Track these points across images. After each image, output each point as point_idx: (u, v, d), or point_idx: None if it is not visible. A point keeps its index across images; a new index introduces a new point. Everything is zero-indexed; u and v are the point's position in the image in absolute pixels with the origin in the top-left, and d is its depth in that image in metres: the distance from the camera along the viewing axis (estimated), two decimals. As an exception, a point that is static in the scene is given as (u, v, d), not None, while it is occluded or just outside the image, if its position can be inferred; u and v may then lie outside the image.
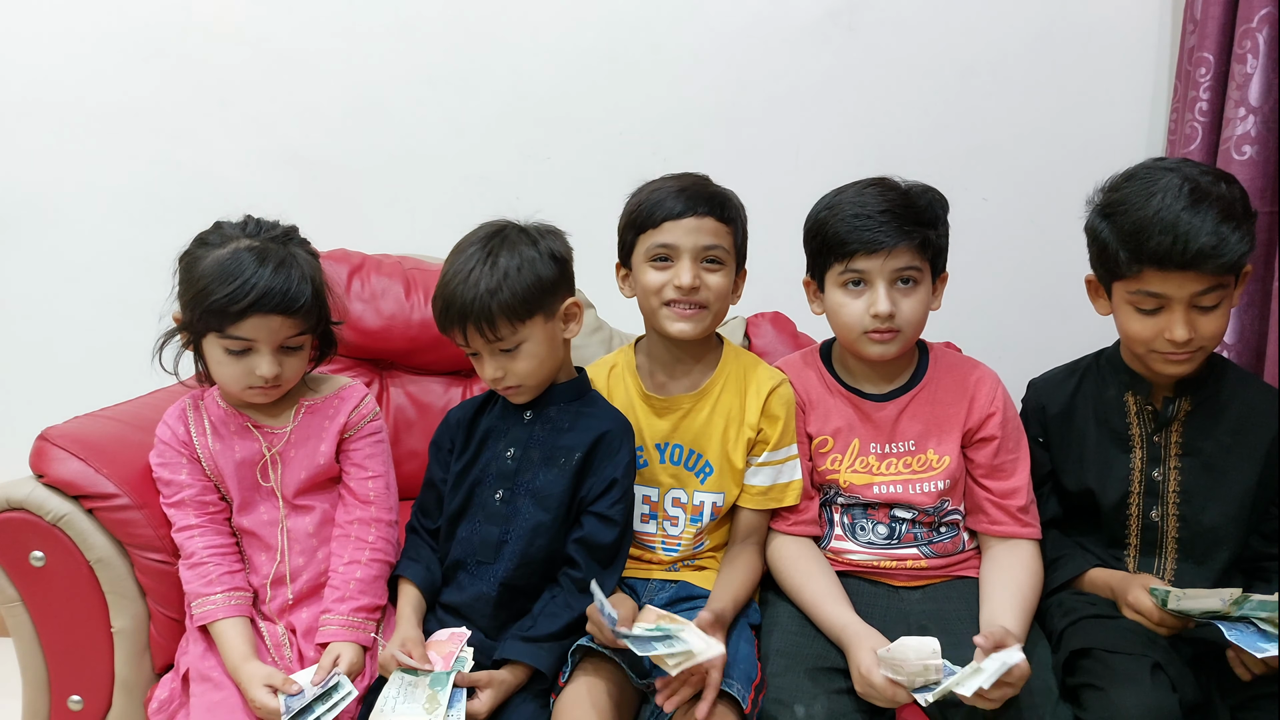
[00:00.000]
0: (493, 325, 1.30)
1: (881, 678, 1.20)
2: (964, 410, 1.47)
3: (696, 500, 1.47)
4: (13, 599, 1.38)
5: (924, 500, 1.45)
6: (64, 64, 2.10)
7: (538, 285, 1.32)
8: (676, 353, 1.48)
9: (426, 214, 2.16)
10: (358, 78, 2.10)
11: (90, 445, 1.41)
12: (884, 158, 1.99)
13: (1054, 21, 2.03)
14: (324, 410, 1.45)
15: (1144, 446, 1.43)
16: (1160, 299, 1.30)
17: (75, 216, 2.16)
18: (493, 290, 1.29)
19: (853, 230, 1.38)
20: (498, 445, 1.41)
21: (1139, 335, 1.34)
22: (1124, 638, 1.27)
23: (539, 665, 1.29)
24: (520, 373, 1.34)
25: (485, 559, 1.38)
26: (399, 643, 1.28)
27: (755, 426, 1.46)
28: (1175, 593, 1.25)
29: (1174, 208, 1.26)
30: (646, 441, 1.47)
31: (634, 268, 1.44)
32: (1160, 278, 1.28)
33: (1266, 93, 1.75)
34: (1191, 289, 1.28)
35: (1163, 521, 1.42)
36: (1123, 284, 1.34)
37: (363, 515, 1.43)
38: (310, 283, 1.35)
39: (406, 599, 1.38)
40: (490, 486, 1.40)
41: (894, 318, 1.38)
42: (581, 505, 1.38)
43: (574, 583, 1.36)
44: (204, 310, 1.30)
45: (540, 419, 1.41)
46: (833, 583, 1.40)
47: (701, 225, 1.38)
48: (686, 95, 2.09)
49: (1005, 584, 1.38)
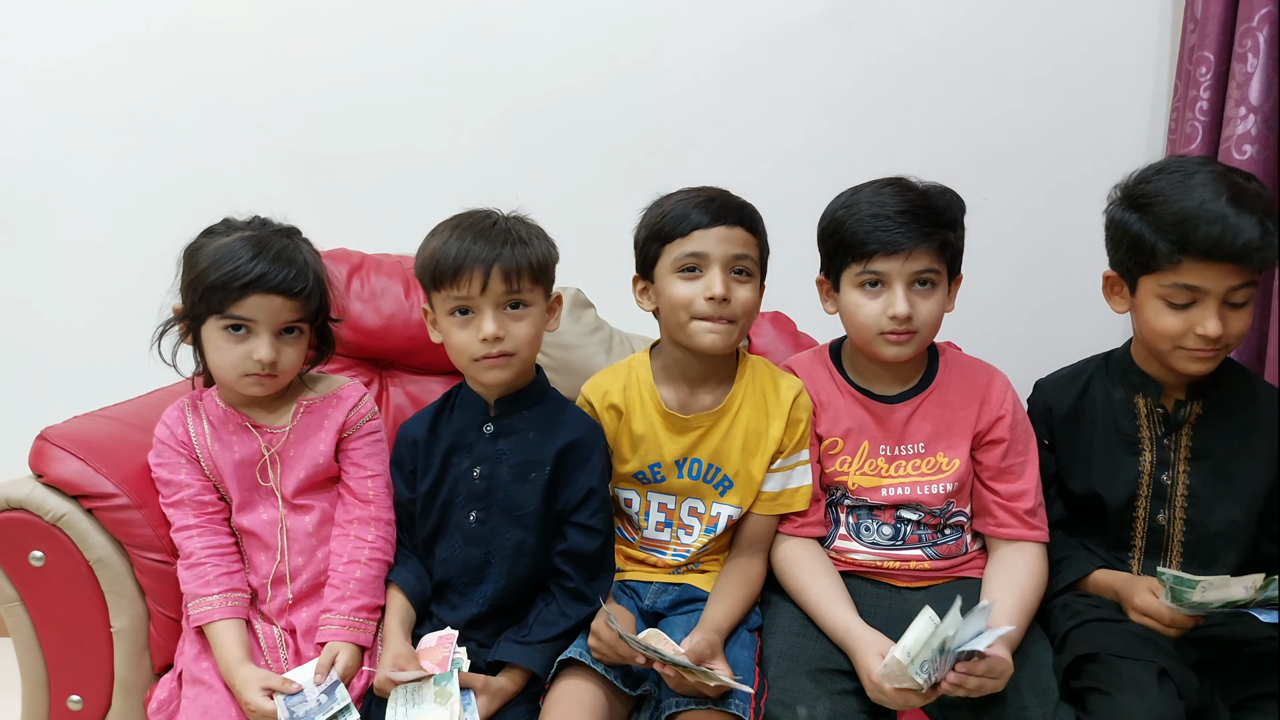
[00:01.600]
0: (519, 274, 1.28)
1: (891, 688, 1.20)
2: (974, 413, 1.46)
3: (714, 511, 1.46)
4: (12, 599, 1.38)
5: (932, 501, 1.45)
6: (64, 64, 2.09)
7: (550, 259, 1.35)
8: (699, 368, 1.44)
9: (426, 214, 2.14)
10: (358, 78, 2.10)
11: (90, 445, 1.41)
12: (884, 158, 1.99)
13: (1054, 21, 2.03)
14: (322, 409, 1.45)
15: (1153, 449, 1.42)
16: (1195, 292, 1.29)
17: (75, 217, 2.16)
18: (525, 240, 1.30)
19: (872, 231, 1.36)
20: (463, 463, 1.38)
21: (1168, 330, 1.32)
22: (1130, 643, 1.27)
23: (534, 668, 1.29)
24: (519, 337, 1.31)
25: (471, 581, 1.37)
26: (390, 661, 1.26)
27: (778, 440, 1.43)
28: (1203, 582, 1.22)
29: (1219, 201, 1.25)
30: (665, 458, 1.44)
31: (658, 280, 1.40)
32: (1200, 270, 1.27)
33: (1267, 92, 1.75)
34: (1228, 283, 1.27)
35: (1169, 525, 1.41)
36: (1155, 277, 1.31)
37: (362, 514, 1.42)
38: (312, 270, 1.37)
39: (394, 612, 1.36)
40: (463, 508, 1.38)
41: (911, 319, 1.37)
42: (561, 516, 1.37)
43: (567, 592, 1.35)
44: (206, 289, 1.30)
45: (502, 431, 1.38)
46: (836, 585, 1.40)
47: (732, 235, 1.36)
48: (686, 95, 2.08)
49: (1006, 585, 1.37)
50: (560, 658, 1.30)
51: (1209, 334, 1.28)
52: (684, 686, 1.21)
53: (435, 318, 1.37)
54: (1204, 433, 1.40)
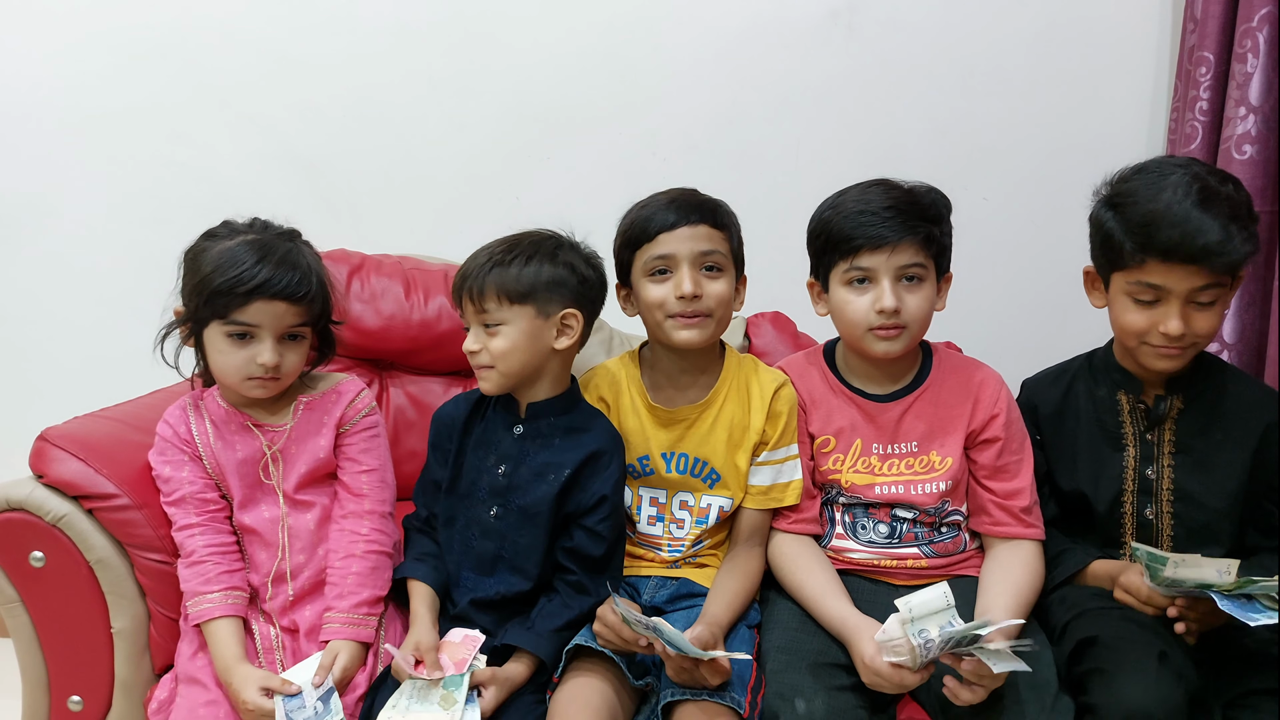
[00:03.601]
0: (482, 295, 1.35)
1: (885, 664, 1.21)
2: (968, 412, 1.47)
3: (704, 503, 1.48)
4: (12, 599, 1.38)
5: (926, 500, 1.45)
6: (64, 65, 2.10)
7: (537, 276, 1.37)
8: (681, 364, 1.48)
9: (426, 214, 2.15)
10: (358, 78, 2.10)
11: (90, 445, 1.41)
12: (884, 158, 1.99)
13: (1054, 21, 2.03)
14: (322, 405, 1.46)
15: (1137, 445, 1.44)
16: (1159, 291, 1.31)
17: (75, 218, 2.16)
18: (494, 264, 1.36)
19: (857, 226, 1.38)
20: (488, 458, 1.42)
21: (1133, 327, 1.35)
22: (1129, 628, 1.28)
23: (540, 653, 1.31)
24: (494, 351, 1.36)
25: (483, 572, 1.40)
26: (413, 645, 1.28)
27: (760, 431, 1.46)
28: (1174, 558, 1.24)
29: (1185, 203, 1.28)
30: (653, 451, 1.48)
31: (634, 285, 1.45)
32: (1163, 270, 1.30)
33: (1267, 92, 1.75)
34: (1191, 284, 1.29)
35: (1157, 520, 1.42)
36: (1123, 274, 1.35)
37: (355, 508, 1.43)
38: (315, 274, 1.38)
39: (420, 598, 1.38)
40: (482, 501, 1.42)
41: (899, 313, 1.38)
42: (570, 518, 1.40)
43: (569, 585, 1.38)
44: (210, 294, 1.31)
45: (530, 433, 1.42)
46: (832, 578, 1.41)
47: (696, 233, 1.39)
48: (686, 96, 2.08)
49: (1002, 579, 1.38)
50: (567, 647, 1.32)
51: (1170, 332, 1.31)
52: (684, 675, 1.23)
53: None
54: (1185, 426, 1.42)
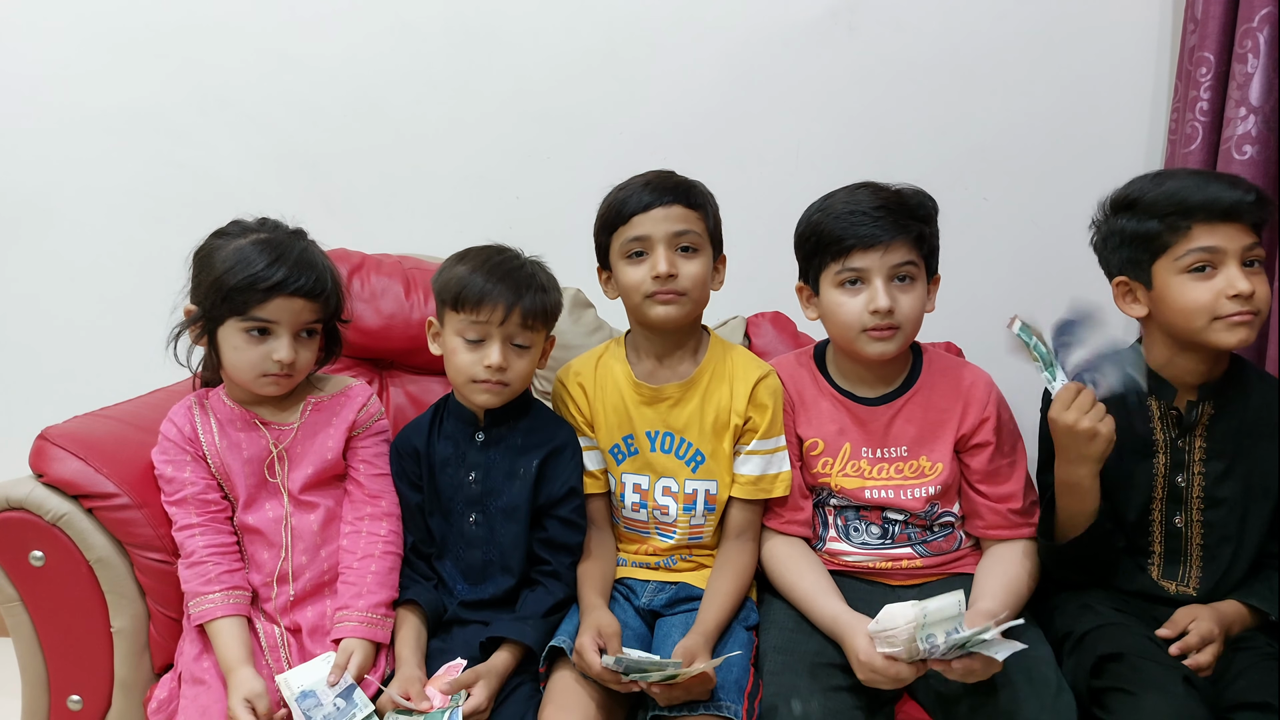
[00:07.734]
0: (534, 317, 1.38)
1: (880, 658, 1.21)
2: (957, 415, 1.46)
3: (689, 489, 1.48)
4: (12, 599, 1.38)
5: (914, 505, 1.45)
6: (64, 65, 2.10)
7: (559, 307, 1.45)
8: (664, 344, 1.49)
9: (426, 214, 2.15)
10: (358, 78, 2.10)
11: (90, 445, 1.41)
12: (884, 158, 1.99)
13: (1054, 22, 2.03)
14: (331, 407, 1.46)
15: (1167, 452, 1.41)
16: (1213, 254, 1.30)
17: (76, 217, 2.16)
18: (545, 289, 1.41)
19: (849, 227, 1.38)
20: (458, 472, 1.45)
21: (1198, 303, 1.31)
22: (1153, 648, 1.28)
23: (525, 640, 1.33)
24: (517, 371, 1.39)
25: (474, 581, 1.44)
26: (400, 686, 1.28)
27: (743, 414, 1.47)
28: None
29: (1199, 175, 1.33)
30: (637, 429, 1.49)
31: (613, 267, 1.46)
32: (1210, 231, 1.30)
33: (1267, 92, 1.75)
34: (1242, 241, 1.29)
35: (1187, 528, 1.40)
36: (1170, 254, 1.32)
37: (373, 510, 1.44)
38: (329, 272, 1.40)
39: (409, 631, 1.38)
40: (462, 513, 1.45)
41: (893, 313, 1.38)
42: (543, 510, 1.43)
43: (547, 574, 1.42)
44: (228, 291, 1.32)
45: (493, 439, 1.45)
46: (824, 578, 1.41)
47: (670, 213, 1.41)
48: (686, 95, 2.08)
49: (996, 574, 1.39)
50: (549, 647, 1.33)
51: (1241, 291, 1.28)
52: (673, 698, 1.23)
53: (440, 332, 1.44)
54: (1217, 433, 1.39)
